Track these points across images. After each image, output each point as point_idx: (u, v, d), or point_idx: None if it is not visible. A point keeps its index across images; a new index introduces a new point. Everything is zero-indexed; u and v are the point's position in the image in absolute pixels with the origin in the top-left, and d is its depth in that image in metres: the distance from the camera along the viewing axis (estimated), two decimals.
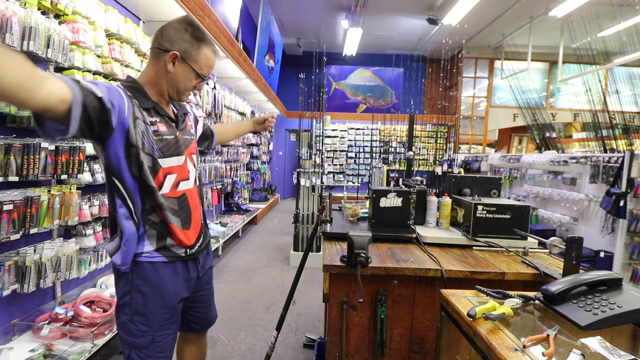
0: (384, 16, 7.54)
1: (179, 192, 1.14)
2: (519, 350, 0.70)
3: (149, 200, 1.08)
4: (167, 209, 1.11)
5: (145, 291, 1.12)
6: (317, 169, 4.31)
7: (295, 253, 4.20)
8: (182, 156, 1.15)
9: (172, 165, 1.12)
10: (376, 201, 1.61)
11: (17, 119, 1.78)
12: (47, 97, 0.80)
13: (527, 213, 1.49)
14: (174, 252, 1.15)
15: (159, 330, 1.14)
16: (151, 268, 1.12)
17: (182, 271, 1.19)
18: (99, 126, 0.96)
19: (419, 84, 10.02)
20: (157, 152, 1.07)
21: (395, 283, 1.28)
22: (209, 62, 1.14)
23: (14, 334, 1.87)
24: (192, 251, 1.20)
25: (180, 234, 1.14)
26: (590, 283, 0.87)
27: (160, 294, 1.13)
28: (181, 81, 1.12)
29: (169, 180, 1.11)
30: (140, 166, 1.04)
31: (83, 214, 2.14)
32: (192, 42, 1.10)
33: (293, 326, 2.71)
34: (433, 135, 7.97)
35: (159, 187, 1.09)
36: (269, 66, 7.54)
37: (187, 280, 1.21)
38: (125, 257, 1.09)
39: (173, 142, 1.13)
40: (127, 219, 1.08)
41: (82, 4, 2.09)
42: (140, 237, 1.10)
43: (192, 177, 1.20)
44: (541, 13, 6.76)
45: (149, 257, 1.11)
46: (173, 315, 1.18)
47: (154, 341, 1.13)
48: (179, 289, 1.18)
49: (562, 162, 4.06)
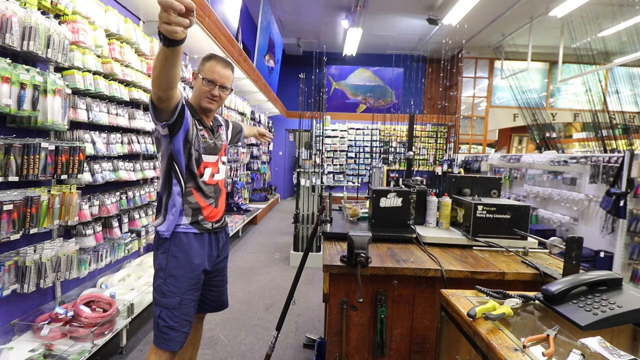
0: (384, 16, 7.54)
1: (214, 181, 1.52)
2: (519, 350, 0.70)
3: (189, 184, 1.44)
4: (205, 191, 1.48)
5: (179, 256, 1.42)
6: (317, 169, 4.31)
7: (295, 253, 4.20)
8: (216, 156, 1.53)
9: (209, 161, 1.49)
10: (376, 201, 1.61)
11: (17, 119, 1.79)
12: (177, 93, 1.26)
13: (527, 213, 1.49)
14: (204, 226, 1.48)
15: (186, 293, 1.42)
16: (185, 238, 1.43)
17: (207, 244, 1.50)
18: (178, 121, 1.34)
19: (419, 84, 10.02)
20: (202, 150, 1.45)
21: (395, 283, 1.28)
22: (212, 67, 1.44)
23: (14, 334, 1.87)
24: (217, 225, 1.55)
25: (211, 210, 1.50)
26: (590, 283, 0.87)
27: (190, 260, 1.43)
28: (197, 89, 1.48)
29: (208, 171, 1.49)
30: (190, 157, 1.41)
31: (83, 214, 2.14)
32: (203, 61, 1.48)
33: (293, 326, 2.70)
34: (433, 135, 7.96)
35: (201, 175, 1.46)
36: (269, 66, 7.54)
37: (209, 255, 1.52)
38: (169, 225, 1.41)
39: (212, 145, 1.50)
40: (178, 195, 1.42)
41: (82, 4, 2.10)
42: (180, 212, 1.42)
43: (222, 172, 1.57)
44: (541, 13, 6.76)
45: (185, 228, 1.43)
46: (197, 282, 1.47)
47: (181, 303, 1.41)
48: (203, 260, 1.48)
49: (562, 162, 4.06)
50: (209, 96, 1.45)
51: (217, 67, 1.44)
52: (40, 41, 1.75)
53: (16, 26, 1.63)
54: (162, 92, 1.20)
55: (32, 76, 1.71)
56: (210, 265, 1.54)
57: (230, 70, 1.49)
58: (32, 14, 1.71)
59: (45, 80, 1.77)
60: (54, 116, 1.83)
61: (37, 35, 1.73)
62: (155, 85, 1.17)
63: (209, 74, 1.44)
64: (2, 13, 1.58)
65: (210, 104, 1.47)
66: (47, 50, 1.80)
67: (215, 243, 1.56)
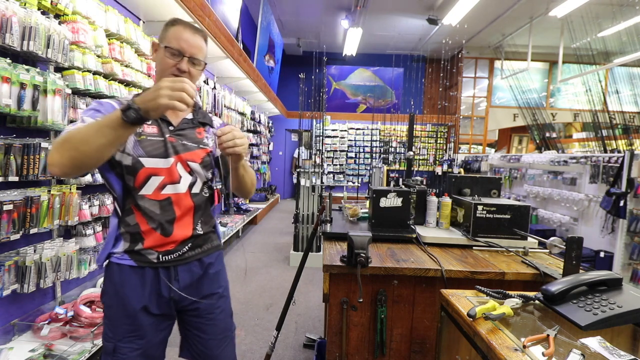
0: (384, 16, 7.54)
1: (162, 195, 1.07)
2: (519, 350, 0.70)
3: (129, 200, 1.07)
4: (147, 210, 1.06)
5: (110, 293, 1.09)
6: (317, 169, 4.31)
7: (295, 253, 4.20)
8: (170, 159, 1.08)
9: (157, 166, 1.06)
10: (376, 201, 1.61)
11: (17, 119, 1.79)
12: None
13: (527, 213, 1.49)
14: (145, 257, 1.08)
15: (121, 341, 1.08)
16: (117, 270, 1.08)
17: (151, 281, 1.09)
18: None
19: (419, 84, 10.01)
20: (140, 151, 1.04)
21: (395, 283, 1.28)
22: (177, 33, 1.07)
23: (14, 334, 1.87)
24: (167, 258, 1.09)
25: (155, 238, 1.07)
26: (590, 283, 0.87)
27: (122, 300, 1.08)
28: (159, 64, 1.09)
29: (154, 181, 1.06)
30: (119, 165, 1.03)
31: (83, 214, 2.14)
32: (165, 27, 1.10)
33: (293, 326, 2.70)
34: (433, 135, 7.95)
35: (139, 187, 1.05)
36: (269, 66, 7.54)
37: (156, 295, 1.10)
38: (101, 254, 1.11)
39: (159, 144, 1.07)
40: (113, 217, 1.10)
41: (82, 4, 2.10)
42: (117, 238, 1.09)
43: (185, 182, 1.11)
44: (541, 13, 6.76)
45: (119, 258, 1.08)
46: (137, 329, 1.09)
47: (116, 350, 1.08)
48: (141, 300, 1.08)
49: (562, 162, 4.06)
50: (175, 72, 1.06)
51: (184, 33, 1.07)
52: (40, 41, 1.75)
53: (16, 26, 1.63)
54: (77, 172, 0.92)
55: (32, 76, 1.71)
56: (160, 308, 1.11)
57: (201, 38, 1.11)
58: (32, 14, 1.71)
59: (45, 80, 1.77)
60: (54, 116, 1.83)
61: (37, 35, 1.73)
62: (70, 164, 0.88)
63: (174, 42, 1.06)
64: (2, 13, 1.58)
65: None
66: (47, 50, 1.80)
67: (168, 280, 1.10)
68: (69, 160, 0.87)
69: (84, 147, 0.86)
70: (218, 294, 1.22)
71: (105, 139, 0.85)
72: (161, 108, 0.81)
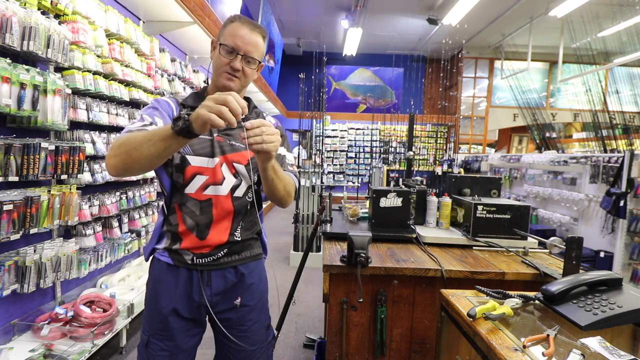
0: (384, 16, 7.54)
1: (204, 195, 1.06)
2: (519, 350, 0.69)
3: (175, 199, 1.08)
4: (188, 210, 1.07)
5: (149, 287, 1.13)
6: (317, 169, 4.31)
7: (295, 253, 4.20)
8: (215, 158, 1.06)
9: (202, 165, 1.05)
10: (376, 201, 1.61)
11: (17, 119, 1.79)
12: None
13: (527, 213, 1.49)
14: (181, 256, 1.08)
15: (153, 336, 1.10)
16: (157, 266, 1.11)
17: (184, 282, 1.09)
18: None
19: (419, 84, 10.01)
20: (187, 149, 1.04)
21: (395, 283, 1.28)
22: (234, 30, 1.05)
23: (14, 334, 1.87)
24: (201, 261, 1.08)
25: (191, 240, 1.07)
26: (590, 283, 0.87)
27: (156, 296, 1.10)
28: (216, 62, 1.08)
29: (198, 180, 1.05)
30: (170, 164, 1.04)
31: (83, 214, 2.14)
32: (223, 25, 1.09)
33: (293, 326, 2.70)
34: (433, 135, 7.96)
35: (185, 184, 1.05)
36: (269, 66, 7.54)
37: (187, 298, 1.09)
38: (146, 248, 1.15)
39: (206, 142, 1.07)
40: (160, 214, 1.12)
41: (82, 4, 2.10)
42: (161, 235, 1.11)
43: (228, 184, 1.08)
44: (541, 13, 6.76)
45: (160, 254, 1.11)
46: (166, 328, 1.09)
47: (148, 344, 1.10)
48: (172, 300, 1.08)
49: (562, 162, 4.06)
50: (229, 70, 1.04)
51: (241, 29, 1.04)
52: (40, 41, 1.75)
53: (16, 26, 1.63)
54: (129, 175, 0.96)
55: (32, 76, 1.71)
56: (191, 311, 1.10)
57: (259, 36, 1.07)
58: (32, 14, 1.71)
59: (45, 80, 1.77)
60: (54, 116, 1.83)
61: (37, 35, 1.73)
62: (123, 167, 0.90)
63: (229, 39, 1.03)
64: (2, 13, 1.58)
65: (229, 81, 1.05)
66: (47, 50, 1.80)
67: (200, 284, 1.09)
68: (121, 163, 0.89)
69: (135, 154, 0.86)
70: (250, 306, 1.17)
71: (155, 149, 0.85)
72: (199, 121, 0.78)
